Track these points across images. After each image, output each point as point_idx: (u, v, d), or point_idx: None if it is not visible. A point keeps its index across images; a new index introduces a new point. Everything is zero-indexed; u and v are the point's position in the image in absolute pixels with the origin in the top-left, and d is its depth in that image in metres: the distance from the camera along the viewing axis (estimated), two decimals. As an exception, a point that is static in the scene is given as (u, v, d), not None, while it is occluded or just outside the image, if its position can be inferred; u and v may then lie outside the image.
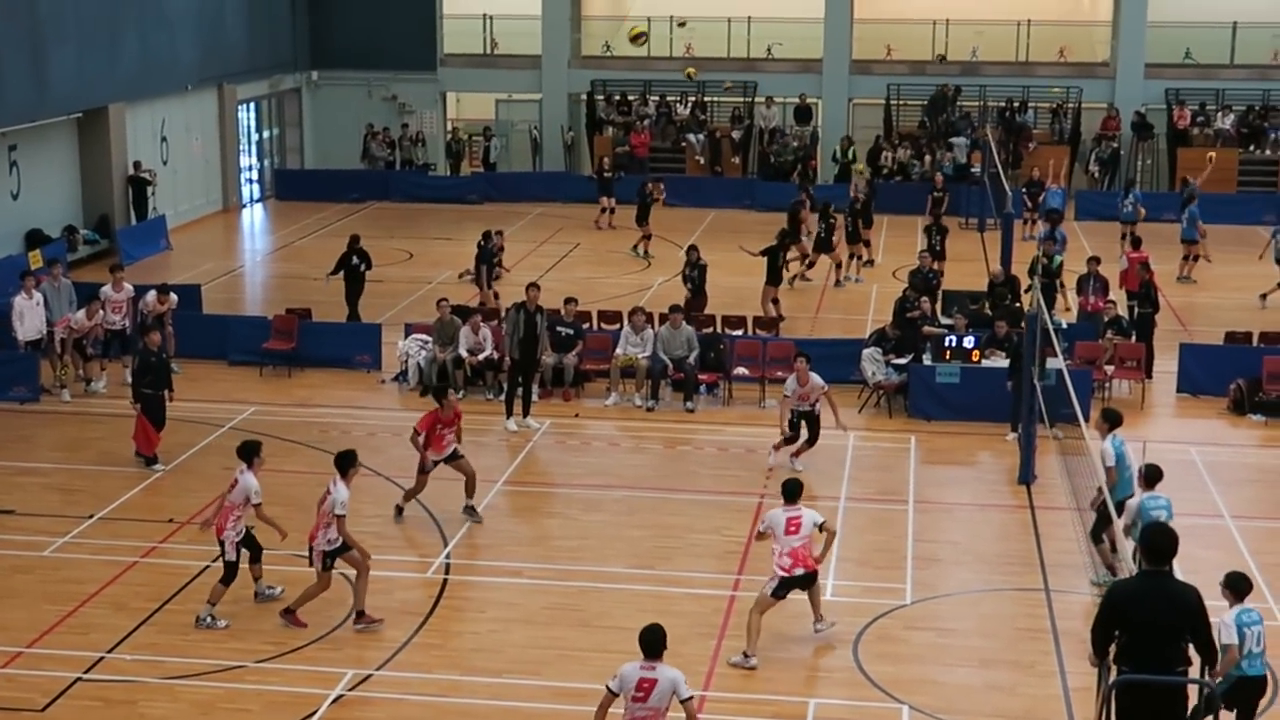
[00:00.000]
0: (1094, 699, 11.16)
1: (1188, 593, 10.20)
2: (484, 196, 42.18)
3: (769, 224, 33.48)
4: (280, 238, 38.16)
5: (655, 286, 31.14)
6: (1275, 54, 44.83)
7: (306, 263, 33.92)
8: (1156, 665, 9.93)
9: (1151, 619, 10.04)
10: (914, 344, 23.59)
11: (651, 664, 11.46)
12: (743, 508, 18.93)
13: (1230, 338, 25.16)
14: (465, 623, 15.68)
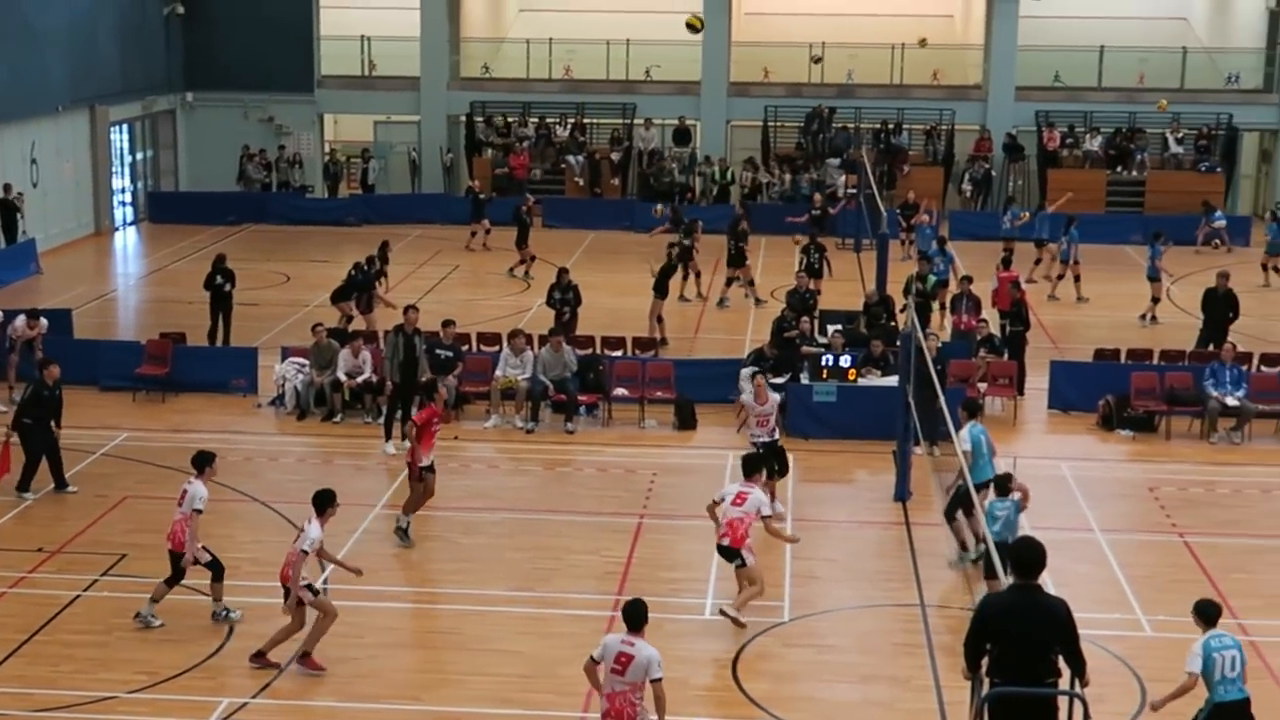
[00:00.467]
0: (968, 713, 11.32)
1: (1057, 605, 10.38)
2: (362, 219, 41.92)
3: (649, 245, 33.61)
4: (154, 261, 37.63)
5: (535, 308, 31.08)
6: (1141, 77, 45.92)
7: (181, 287, 33.45)
8: (1027, 678, 10.09)
9: (1021, 632, 10.20)
10: (792, 363, 23.80)
11: (632, 639, 11.94)
12: (622, 529, 18.97)
13: (1099, 355, 25.66)
14: (343, 648, 15.51)
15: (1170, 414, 23.44)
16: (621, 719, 11.86)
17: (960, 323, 26.89)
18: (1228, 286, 27.06)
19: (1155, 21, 48.25)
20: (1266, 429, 23.27)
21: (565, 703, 14.28)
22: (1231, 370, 23.46)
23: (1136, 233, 39.87)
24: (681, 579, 17.56)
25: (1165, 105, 41.02)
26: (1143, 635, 16.05)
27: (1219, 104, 44.74)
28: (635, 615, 12.04)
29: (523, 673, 14.98)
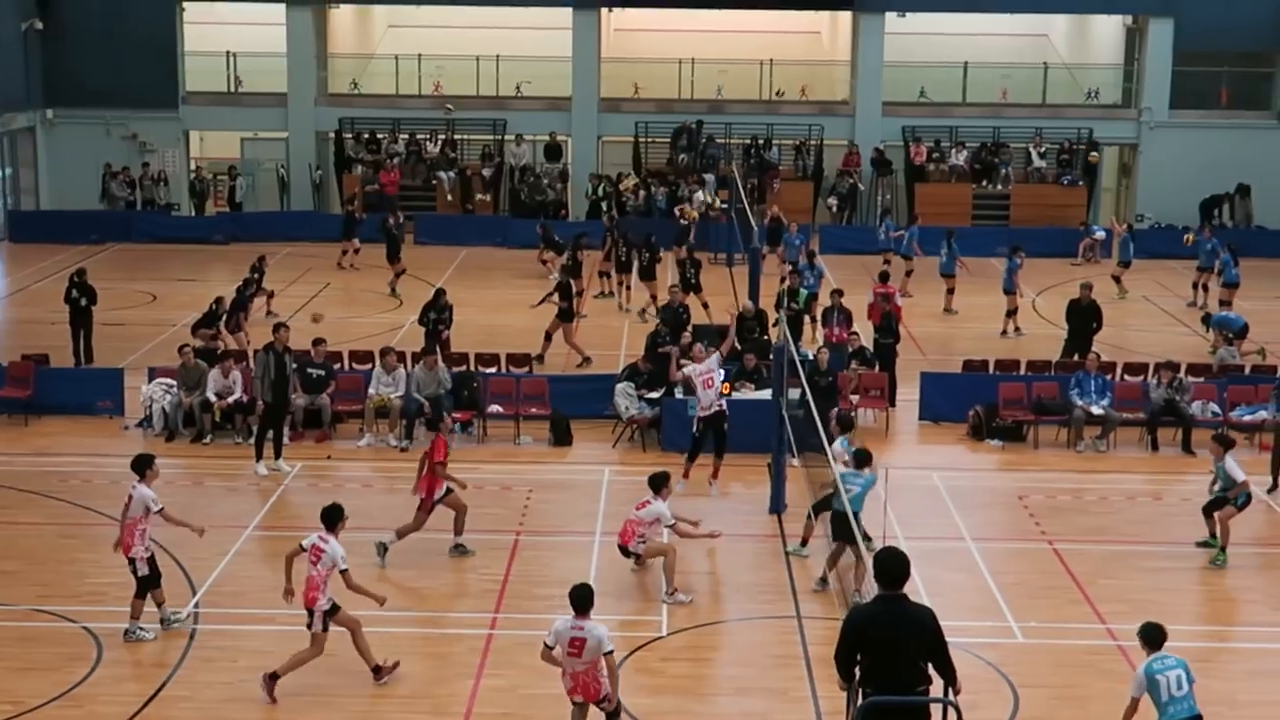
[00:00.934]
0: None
1: (923, 614, 10.50)
2: (230, 237, 41.37)
3: (521, 261, 33.58)
4: (15, 281, 36.81)
5: (407, 326, 30.87)
6: (1004, 93, 46.74)
7: (43, 307, 32.74)
8: (896, 686, 10.19)
9: (889, 641, 10.30)
10: (666, 378, 23.86)
11: (580, 623, 12.75)
12: (499, 545, 18.87)
13: (968, 366, 26.04)
14: (216, 673, 15.26)
15: (1038, 423, 23.86)
16: (589, 692, 12.91)
17: (832, 335, 27.14)
18: (1091, 298, 27.62)
19: (1018, 38, 49.13)
20: (1130, 436, 23.76)
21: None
22: (1096, 380, 23.93)
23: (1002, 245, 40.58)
24: (559, 595, 17.28)
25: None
26: (1014, 642, 16.28)
27: (1080, 119, 45.71)
28: (582, 599, 12.91)
29: (401, 693, 14.83)
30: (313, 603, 14.57)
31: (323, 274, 36.25)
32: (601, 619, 16.21)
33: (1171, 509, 20.95)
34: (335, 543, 14.64)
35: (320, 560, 14.59)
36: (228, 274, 29.61)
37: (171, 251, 39.85)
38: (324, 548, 14.63)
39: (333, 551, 14.61)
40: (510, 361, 25.98)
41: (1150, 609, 17.11)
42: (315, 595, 14.58)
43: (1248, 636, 16.16)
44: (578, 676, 12.83)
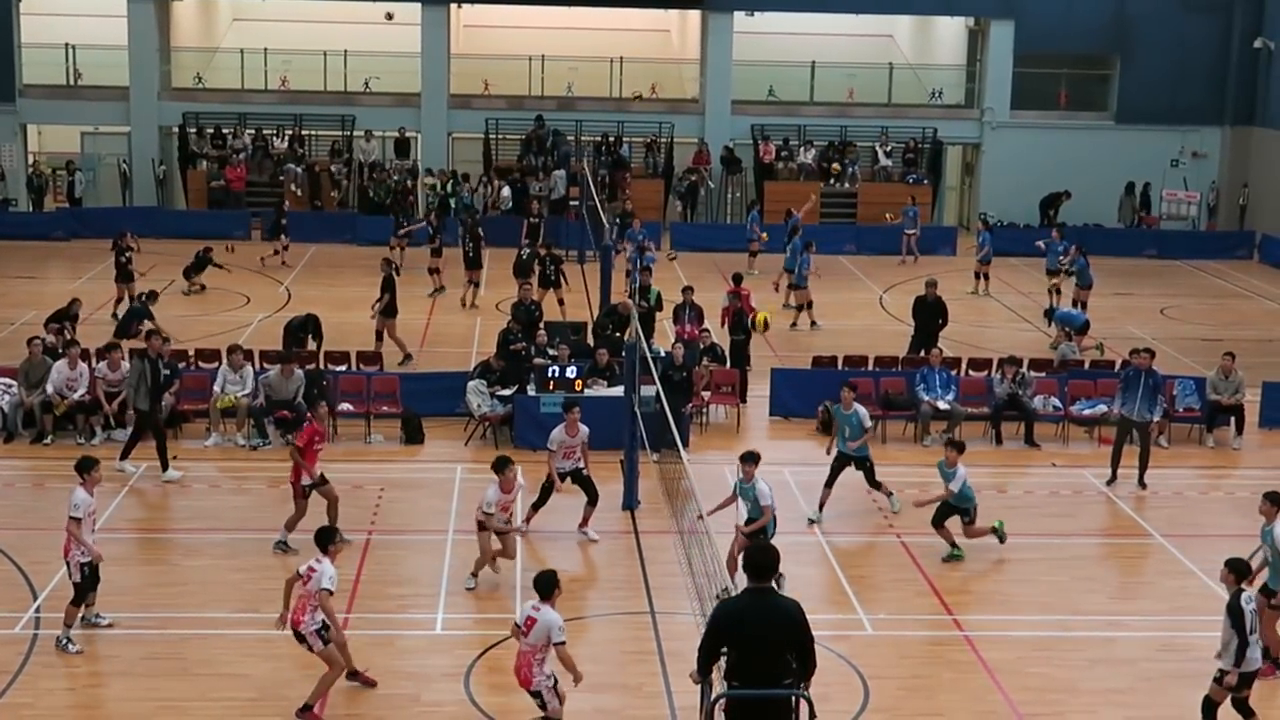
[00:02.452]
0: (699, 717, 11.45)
1: (790, 607, 10.54)
2: (70, 233, 40.42)
3: (370, 258, 33.24)
4: None
5: (255, 323, 30.47)
6: (850, 92, 47.37)
7: (-125, 305, 31.84)
8: (762, 680, 10.23)
9: (757, 635, 10.33)
10: (518, 375, 23.80)
11: (539, 606, 13.18)
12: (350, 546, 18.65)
13: (817, 362, 26.30)
14: (58, 679, 14.91)
15: (885, 418, 24.20)
16: (519, 674, 13.29)
17: (684, 332, 27.26)
18: (936, 294, 28.08)
19: (863, 39, 49.85)
20: (975, 431, 24.19)
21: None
22: (941, 375, 24.35)
23: (849, 242, 41.20)
24: (410, 595, 17.39)
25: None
26: (864, 634, 16.51)
27: (924, 119, 46.48)
28: (544, 584, 13.30)
29: (250, 696, 14.62)
30: (298, 624, 14.04)
31: (168, 271, 35.54)
32: (456, 617, 16.29)
33: (1014, 501, 21.38)
34: (328, 563, 14.11)
35: (310, 581, 14.03)
36: (67, 271, 28.94)
37: (8, 248, 38.78)
38: (317, 569, 14.07)
39: (323, 573, 14.05)
40: (360, 359, 25.74)
41: (995, 599, 17.54)
42: (299, 618, 14.04)
43: (1088, 625, 16.55)
44: (520, 656, 13.26)
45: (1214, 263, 42.05)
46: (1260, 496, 15.44)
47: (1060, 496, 21.58)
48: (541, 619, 13.12)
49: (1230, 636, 13.32)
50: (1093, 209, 44.58)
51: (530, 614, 13.26)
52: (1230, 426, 24.21)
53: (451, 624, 16.51)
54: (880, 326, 32.04)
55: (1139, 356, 22.14)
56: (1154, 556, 19.40)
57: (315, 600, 13.96)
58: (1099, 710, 13.94)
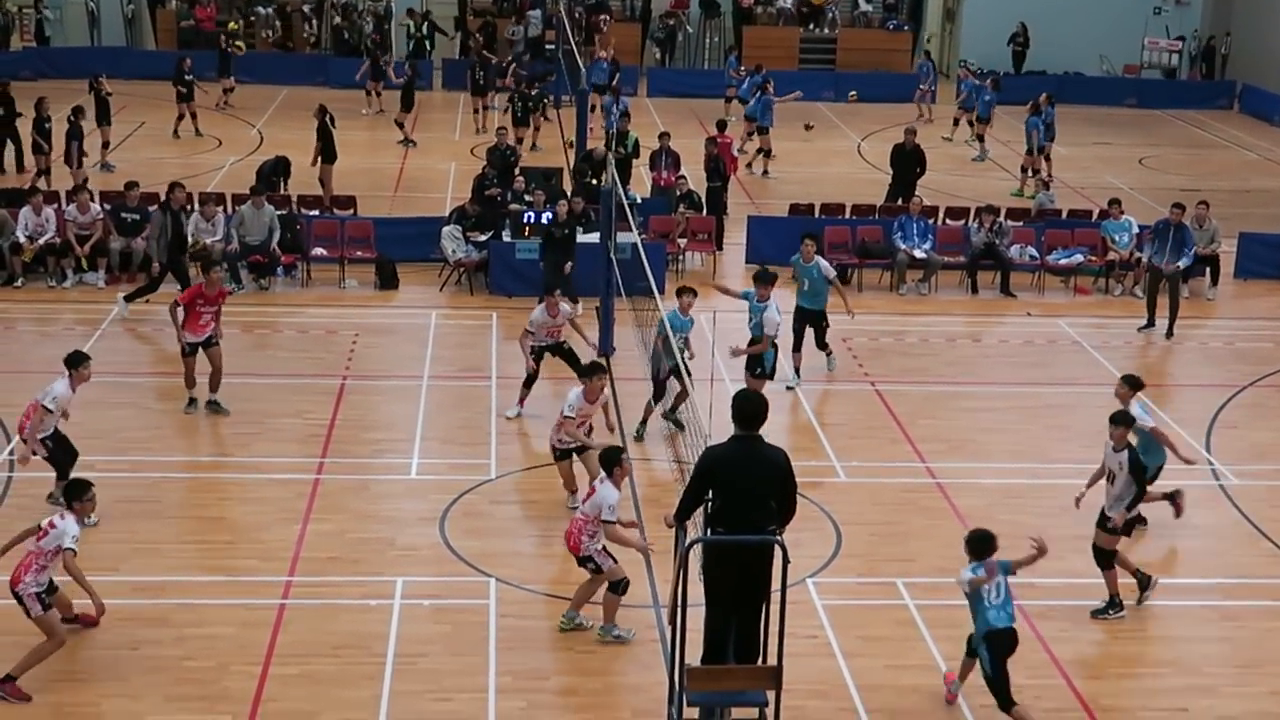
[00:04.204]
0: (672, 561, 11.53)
1: (777, 455, 10.53)
2: (37, 73, 39.69)
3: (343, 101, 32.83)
4: None
5: (227, 166, 30.14)
6: (831, -65, 46.55)
7: None
8: (746, 526, 10.24)
9: (743, 482, 10.34)
10: (494, 221, 23.63)
11: (603, 478, 12.84)
12: (324, 390, 18.67)
13: (794, 210, 26.18)
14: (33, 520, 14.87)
15: (861, 266, 24.17)
16: (569, 540, 12.99)
17: (660, 179, 27.09)
18: (915, 143, 27.87)
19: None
20: (951, 280, 24.17)
21: (270, 567, 14.08)
22: (919, 223, 24.26)
23: (828, 89, 40.81)
24: (385, 439, 17.41)
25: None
26: (837, 481, 16.61)
27: (906, -37, 45.74)
28: (608, 460, 12.90)
29: (225, 539, 14.69)
30: (15, 583, 12.02)
31: (137, 112, 35.03)
32: (431, 462, 16.34)
33: (989, 350, 21.46)
34: (72, 521, 12.31)
35: (45, 538, 12.16)
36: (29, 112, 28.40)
37: (-26, 88, 38.10)
38: (58, 525, 12.19)
39: (62, 530, 12.16)
40: (334, 204, 25.52)
41: (968, 448, 17.64)
42: (20, 576, 12.03)
43: (1059, 474, 16.65)
44: (572, 522, 13.01)
45: (1194, 112, 41.79)
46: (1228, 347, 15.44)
47: (1034, 346, 21.62)
48: (599, 492, 12.82)
49: (1127, 489, 13.70)
50: (1074, 57, 44.06)
51: (594, 484, 13.04)
52: (1205, 277, 24.24)
53: (426, 469, 16.55)
54: (858, 174, 31.83)
55: (1173, 211, 22.19)
56: (1126, 406, 19.48)
57: (45, 560, 12.06)
58: (1068, 557, 14.07)
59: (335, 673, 12.36)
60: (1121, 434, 13.85)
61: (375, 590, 13.76)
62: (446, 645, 12.84)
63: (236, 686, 12.09)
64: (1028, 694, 12.11)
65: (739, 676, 10.38)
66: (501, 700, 12.07)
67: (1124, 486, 13.77)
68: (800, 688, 11.89)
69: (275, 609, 13.32)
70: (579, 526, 12.92)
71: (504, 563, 14.33)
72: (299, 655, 12.59)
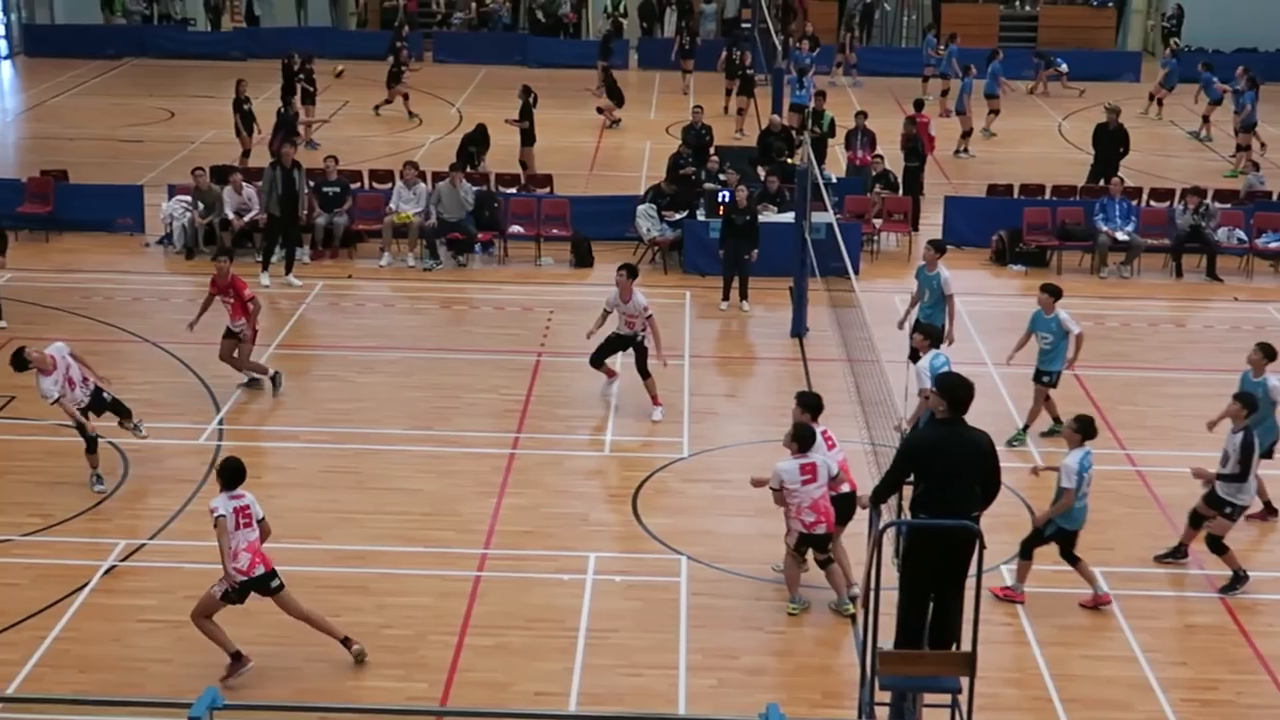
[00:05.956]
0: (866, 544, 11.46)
1: (981, 438, 10.40)
2: (247, 52, 40.79)
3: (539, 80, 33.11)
4: (31, 96, 36.50)
5: (427, 145, 30.65)
6: (1037, -91, 45.62)
7: (61, 122, 32.62)
8: (951, 510, 10.11)
9: (948, 465, 10.21)
10: (688, 200, 23.67)
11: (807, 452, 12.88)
12: (520, 366, 18.92)
13: (993, 190, 25.78)
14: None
15: (1061, 249, 23.72)
16: (830, 518, 13.01)
17: (855, 159, 26.87)
18: (1118, 122, 27.22)
19: None
20: (1155, 263, 23.59)
21: (466, 539, 14.32)
22: (1121, 205, 23.69)
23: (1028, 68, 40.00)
24: (579, 415, 17.59)
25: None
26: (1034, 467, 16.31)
27: (1112, -62, 44.64)
28: (800, 438, 12.96)
29: (424, 511, 14.97)
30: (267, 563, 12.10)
31: (342, 91, 35.80)
32: (624, 439, 16.47)
33: (1194, 335, 20.91)
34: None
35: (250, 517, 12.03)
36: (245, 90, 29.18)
37: (187, 67, 39.41)
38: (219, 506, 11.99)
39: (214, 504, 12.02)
40: (531, 182, 25.81)
41: (1170, 435, 17.21)
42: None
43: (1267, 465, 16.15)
44: (817, 505, 12.80)
45: None
46: None
47: (1241, 331, 20.98)
48: (821, 462, 12.84)
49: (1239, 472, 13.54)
50: None
51: (804, 462, 12.85)
52: None
53: (620, 445, 16.68)
54: (1058, 154, 31.20)
55: None
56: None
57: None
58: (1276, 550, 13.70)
59: (529, 645, 12.55)
60: (1238, 411, 13.51)
61: (568, 565, 13.92)
62: (637, 621, 12.95)
63: (434, 655, 12.34)
64: (1229, 689, 11.82)
65: (933, 661, 10.28)
66: (692, 678, 12.14)
67: (1236, 469, 13.37)
68: (994, 675, 11.76)
69: (471, 580, 13.57)
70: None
71: (695, 541, 14.38)
72: (494, 627, 12.81)
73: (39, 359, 14.99)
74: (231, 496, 11.94)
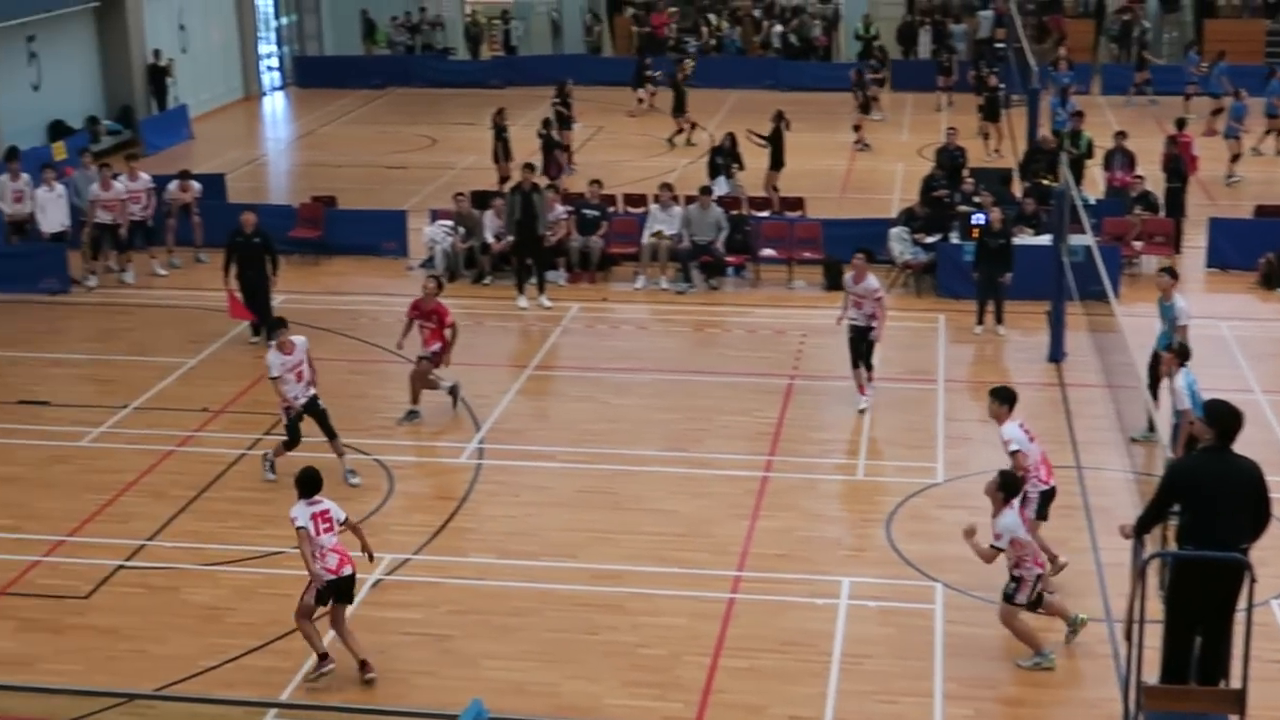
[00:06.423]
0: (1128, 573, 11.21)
1: (1251, 466, 10.05)
2: (505, 81, 41.81)
3: (791, 104, 33.17)
4: (302, 125, 38.00)
5: (680, 169, 30.96)
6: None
7: (330, 151, 33.87)
8: (1219, 542, 9.80)
9: (1215, 495, 9.91)
10: (942, 222, 23.45)
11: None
12: (772, 389, 18.97)
13: (1260, 211, 24.94)
14: (499, 506, 15.78)
15: (1336, 276, 22.83)
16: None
17: (1114, 179, 26.28)
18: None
19: None
20: None
21: (721, 561, 14.42)
22: (1401, 226, 22.70)
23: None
24: (832, 440, 17.57)
25: None
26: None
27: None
28: (1010, 486, 12.51)
29: (678, 532, 15.11)
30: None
31: (596, 117, 36.43)
32: (877, 464, 16.41)
33: None
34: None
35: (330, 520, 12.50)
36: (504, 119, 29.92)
37: (448, 95, 40.59)
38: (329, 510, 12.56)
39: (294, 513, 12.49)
40: (783, 205, 25.88)
41: None
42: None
43: None
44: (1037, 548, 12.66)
45: None
46: None
47: None
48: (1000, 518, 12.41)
49: None
50: None
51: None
52: None
53: (873, 470, 16.62)
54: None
55: None
56: None
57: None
58: None
59: (782, 668, 12.58)
60: None
61: (822, 589, 13.92)
62: (892, 648, 12.87)
63: (688, 676, 12.45)
64: None
65: (1200, 698, 10.01)
66: (949, 706, 12.02)
67: None
68: (1265, 714, 11.36)
69: (725, 602, 13.66)
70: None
71: (951, 568, 14.23)
72: (747, 649, 12.87)
73: (285, 339, 16.00)
74: (309, 504, 12.44)
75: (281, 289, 22.91)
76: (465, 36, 45.37)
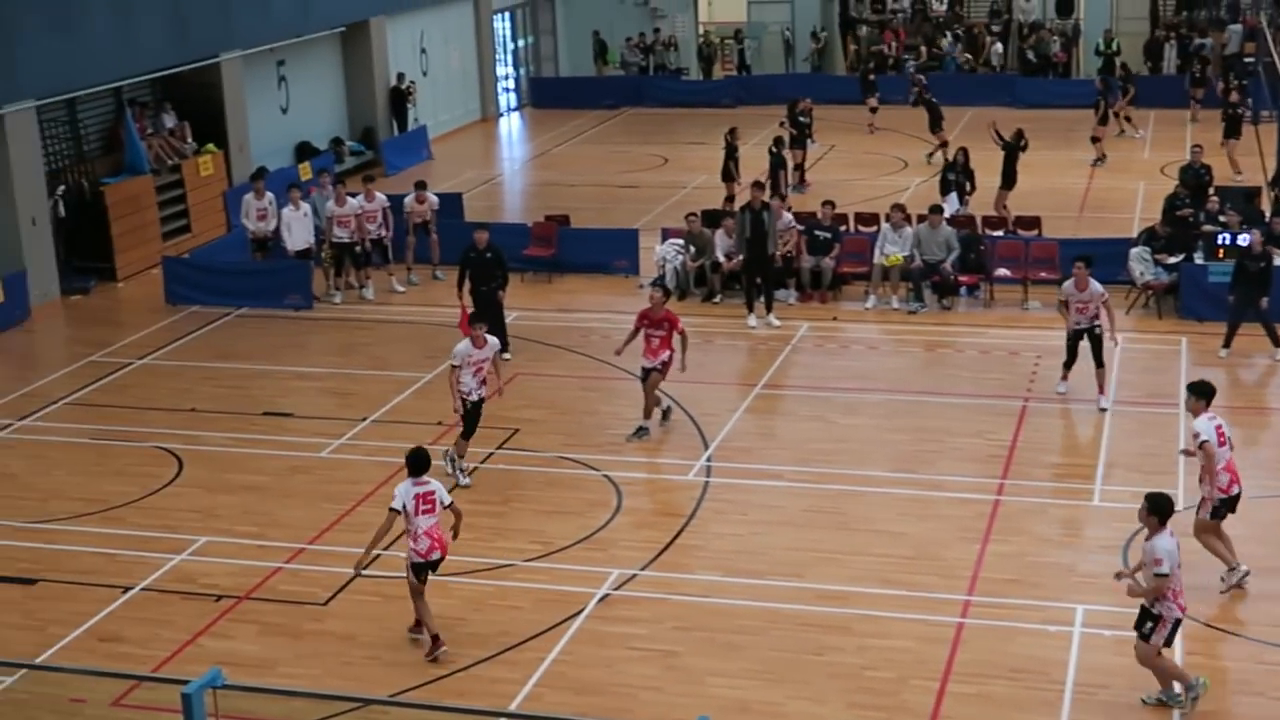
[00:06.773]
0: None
1: None
2: (737, 100, 41.91)
3: (1028, 121, 32.56)
4: (537, 145, 38.62)
5: (912, 188, 30.64)
6: None
7: (563, 170, 34.34)
8: None
9: None
10: (1185, 243, 22.74)
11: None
12: (1005, 411, 18.61)
13: None
14: (726, 524, 15.77)
15: None
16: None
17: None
18: None
19: None
20: None
21: (949, 585, 14.18)
22: None
23: None
24: (1067, 463, 17.18)
25: None
26: None
27: None
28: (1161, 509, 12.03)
29: (906, 554, 14.91)
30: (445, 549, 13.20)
31: (827, 136, 36.22)
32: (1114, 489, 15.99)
33: None
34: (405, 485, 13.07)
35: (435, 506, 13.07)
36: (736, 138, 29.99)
37: (680, 115, 40.83)
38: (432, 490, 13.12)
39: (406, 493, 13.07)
40: (1018, 224, 25.41)
41: None
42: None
43: None
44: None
45: None
46: None
47: None
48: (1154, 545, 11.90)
49: None
50: None
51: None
52: None
53: (1110, 495, 16.15)
54: None
55: None
56: None
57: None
58: None
59: (1013, 695, 12.31)
60: None
61: (1055, 616, 13.58)
62: (1128, 678, 12.47)
63: (915, 700, 12.27)
64: None
65: None
66: (1186, 740, 11.63)
67: None
68: None
69: (954, 626, 13.42)
70: None
71: (1191, 598, 13.70)
72: (976, 675, 12.63)
73: (480, 335, 16.49)
74: (416, 483, 12.98)
75: (514, 306, 23.32)
76: (699, 56, 45.64)
